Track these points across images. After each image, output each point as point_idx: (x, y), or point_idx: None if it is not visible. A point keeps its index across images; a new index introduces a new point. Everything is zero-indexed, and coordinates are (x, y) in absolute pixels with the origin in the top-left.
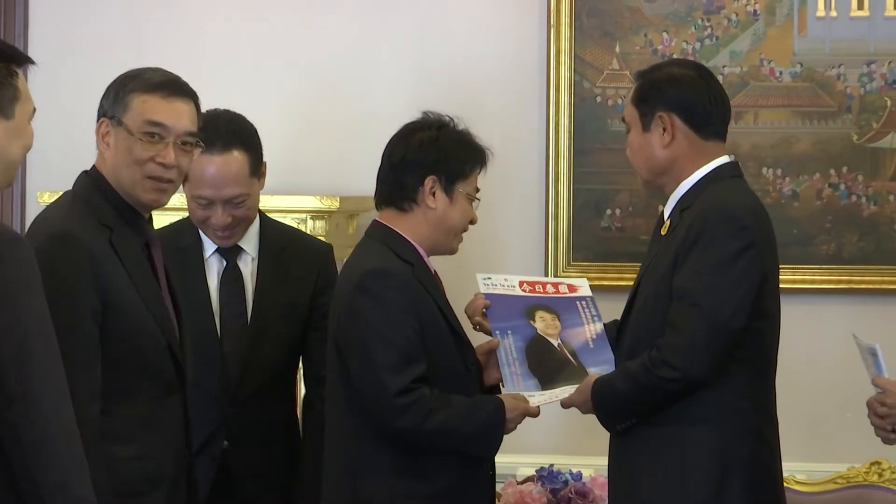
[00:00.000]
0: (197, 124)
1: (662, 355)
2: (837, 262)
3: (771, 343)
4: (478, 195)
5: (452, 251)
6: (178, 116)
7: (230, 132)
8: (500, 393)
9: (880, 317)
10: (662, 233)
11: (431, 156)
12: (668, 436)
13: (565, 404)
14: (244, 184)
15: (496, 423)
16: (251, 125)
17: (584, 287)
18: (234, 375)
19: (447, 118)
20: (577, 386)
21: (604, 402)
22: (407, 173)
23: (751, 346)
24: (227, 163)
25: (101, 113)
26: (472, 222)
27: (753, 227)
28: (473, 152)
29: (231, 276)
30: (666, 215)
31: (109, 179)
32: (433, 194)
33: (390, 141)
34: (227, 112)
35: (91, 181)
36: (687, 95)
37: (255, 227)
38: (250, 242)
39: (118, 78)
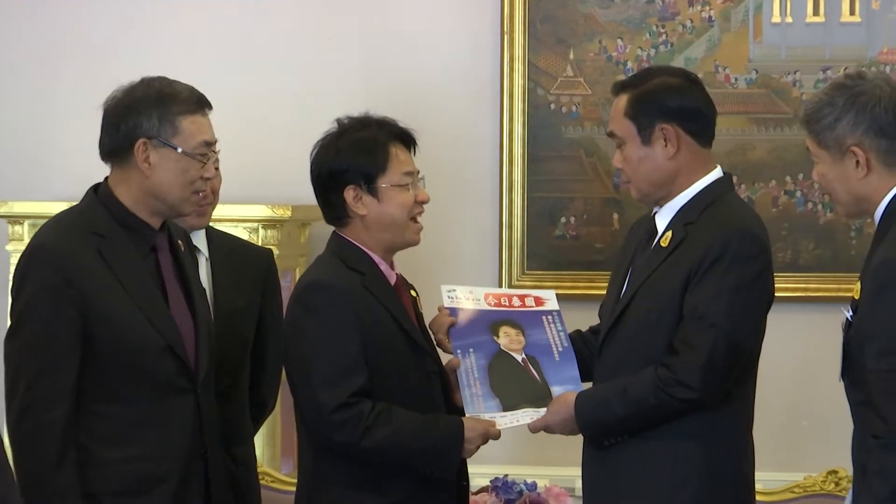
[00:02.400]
0: None
1: (677, 375)
2: (794, 269)
3: (757, 359)
4: (417, 174)
5: (412, 243)
6: (213, 131)
7: None
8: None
9: (837, 326)
10: (663, 244)
11: (339, 167)
12: (658, 451)
13: (535, 428)
14: None
15: (452, 443)
16: None
17: (551, 300)
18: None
19: (352, 120)
20: (541, 410)
21: (595, 423)
22: (327, 191)
23: (746, 363)
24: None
25: (137, 133)
26: (423, 202)
27: (769, 250)
28: (378, 145)
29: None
30: (661, 226)
31: (126, 195)
32: (359, 202)
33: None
34: None
35: (96, 193)
36: (686, 104)
37: (201, 231)
38: (201, 242)
39: (150, 96)
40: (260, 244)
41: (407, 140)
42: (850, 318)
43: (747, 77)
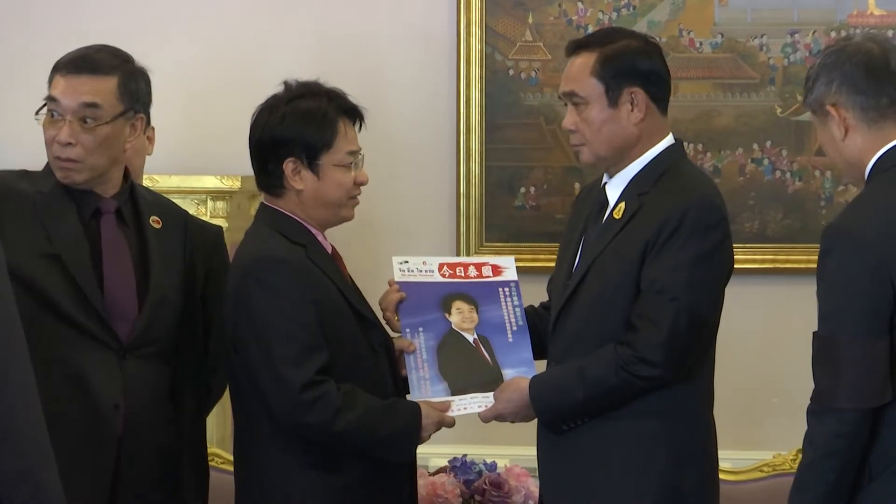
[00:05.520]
0: (110, 97)
1: (638, 352)
2: (761, 240)
3: (716, 331)
4: (359, 153)
5: (346, 219)
6: (72, 91)
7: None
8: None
9: (806, 298)
10: (616, 216)
11: (283, 136)
12: (620, 431)
13: (486, 418)
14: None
15: (411, 429)
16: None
17: (509, 268)
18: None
19: (302, 86)
20: (490, 394)
21: (554, 409)
22: (266, 158)
23: (707, 337)
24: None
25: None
26: (361, 183)
27: (727, 218)
28: (327, 119)
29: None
30: (613, 197)
31: None
32: (297, 175)
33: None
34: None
35: None
36: (653, 69)
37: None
38: None
39: None
40: (208, 216)
41: (356, 117)
42: None
43: (712, 41)
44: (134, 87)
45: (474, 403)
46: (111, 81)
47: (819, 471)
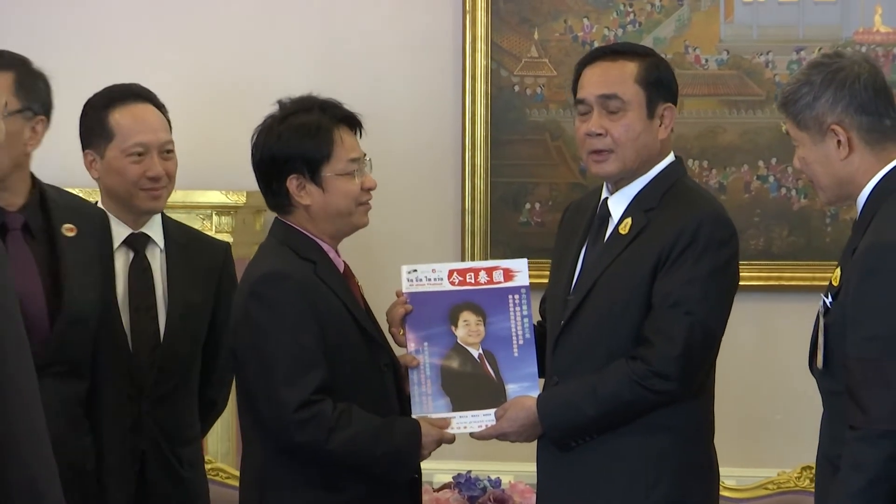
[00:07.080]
0: (6, 93)
1: (653, 367)
2: (767, 257)
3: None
4: (362, 159)
5: (360, 226)
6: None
7: (143, 90)
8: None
9: (811, 316)
10: (623, 232)
11: (281, 155)
12: (628, 446)
13: (487, 436)
14: (169, 132)
15: (410, 447)
16: None
17: (521, 273)
18: (148, 374)
19: (294, 102)
20: (491, 412)
21: (564, 426)
22: (270, 178)
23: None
24: (153, 111)
25: None
26: (369, 188)
27: (737, 234)
28: (322, 131)
29: (140, 268)
30: (617, 213)
31: None
32: (303, 191)
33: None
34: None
35: None
36: (677, 90)
37: (157, 218)
38: (157, 232)
39: None
40: (213, 231)
41: (352, 123)
42: (829, 304)
43: (718, 58)
44: (31, 84)
45: (475, 421)
46: (6, 77)
47: (871, 496)
